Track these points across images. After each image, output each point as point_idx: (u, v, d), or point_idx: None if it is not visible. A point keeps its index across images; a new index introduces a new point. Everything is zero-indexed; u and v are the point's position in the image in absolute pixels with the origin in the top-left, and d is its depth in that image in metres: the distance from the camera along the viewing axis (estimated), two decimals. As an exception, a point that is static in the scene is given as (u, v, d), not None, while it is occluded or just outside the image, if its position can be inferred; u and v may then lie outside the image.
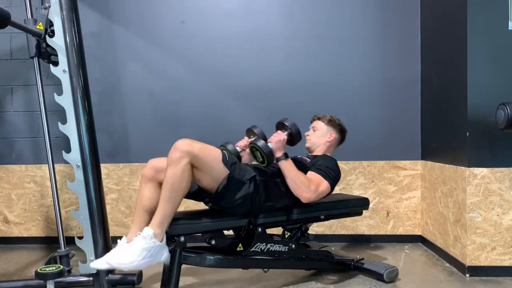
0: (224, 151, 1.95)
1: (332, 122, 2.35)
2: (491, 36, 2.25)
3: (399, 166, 3.03)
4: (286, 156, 2.01)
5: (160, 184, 1.97)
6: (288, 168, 2.00)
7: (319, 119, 2.38)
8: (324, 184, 2.07)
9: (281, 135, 2.03)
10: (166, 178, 1.75)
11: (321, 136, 2.33)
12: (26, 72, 3.19)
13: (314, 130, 2.37)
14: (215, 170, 1.85)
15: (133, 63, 3.17)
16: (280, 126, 2.13)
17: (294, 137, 2.09)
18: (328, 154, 2.32)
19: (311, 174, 2.09)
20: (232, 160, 1.93)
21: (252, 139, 2.10)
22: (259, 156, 1.99)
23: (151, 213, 1.82)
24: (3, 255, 2.95)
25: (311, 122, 2.42)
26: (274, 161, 2.00)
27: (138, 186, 3.10)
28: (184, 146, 1.76)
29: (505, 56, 2.25)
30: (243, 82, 3.11)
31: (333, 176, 2.13)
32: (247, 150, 2.20)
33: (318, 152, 2.33)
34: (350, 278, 2.30)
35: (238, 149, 2.22)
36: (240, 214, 1.99)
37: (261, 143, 1.95)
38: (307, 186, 2.00)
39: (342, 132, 2.38)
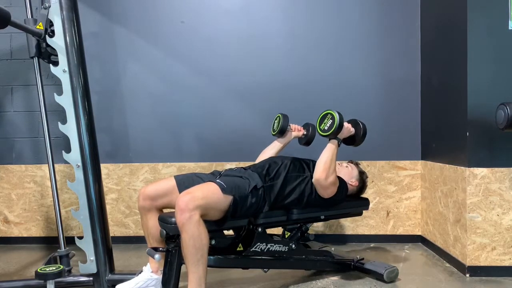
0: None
1: (362, 175, 2.43)
2: (491, 36, 2.25)
3: (399, 166, 3.03)
4: (339, 142, 2.16)
5: (160, 209, 2.03)
6: (333, 151, 2.12)
7: (357, 164, 2.47)
8: (335, 187, 2.15)
9: (351, 128, 2.21)
10: (185, 243, 1.71)
11: (347, 174, 2.35)
12: (26, 72, 3.19)
13: (347, 165, 2.42)
14: (220, 204, 1.85)
15: (133, 63, 3.17)
16: (352, 122, 2.25)
17: (355, 139, 2.23)
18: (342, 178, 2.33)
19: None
20: (231, 184, 1.92)
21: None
22: (328, 125, 2.09)
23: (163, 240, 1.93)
24: (3, 255, 2.95)
25: (350, 161, 2.48)
26: (331, 137, 2.13)
27: (138, 188, 3.13)
28: (189, 204, 1.71)
29: (505, 56, 2.25)
30: (243, 81, 3.11)
31: (341, 193, 2.20)
32: (293, 133, 2.46)
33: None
34: (350, 278, 2.30)
35: (289, 127, 2.44)
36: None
37: (341, 115, 2.08)
38: (326, 178, 2.07)
39: (361, 188, 2.44)
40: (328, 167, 2.07)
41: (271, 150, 2.45)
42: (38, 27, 2.11)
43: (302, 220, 2.20)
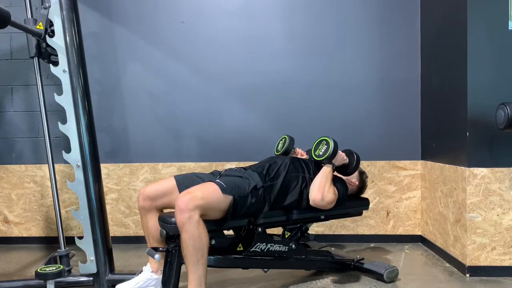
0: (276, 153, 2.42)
1: (362, 175, 2.44)
2: (491, 36, 2.25)
3: (399, 166, 3.03)
4: (334, 168, 2.16)
5: (160, 210, 2.03)
6: (327, 173, 2.11)
7: None
8: (333, 204, 2.14)
9: (345, 157, 2.24)
10: (185, 243, 1.71)
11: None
12: (26, 72, 3.19)
13: None
14: (220, 204, 1.85)
15: (133, 63, 3.17)
16: (347, 152, 2.28)
17: (349, 167, 2.26)
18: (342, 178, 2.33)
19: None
20: (231, 184, 1.92)
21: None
22: (322, 150, 2.14)
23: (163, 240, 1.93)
24: (3, 255, 2.95)
25: None
26: (325, 162, 2.14)
27: (138, 189, 3.13)
28: (189, 204, 1.71)
29: (505, 56, 2.25)
30: (243, 81, 3.11)
31: (340, 200, 2.19)
32: (298, 155, 2.44)
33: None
34: (350, 278, 2.30)
35: (293, 150, 2.45)
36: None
37: (335, 142, 2.13)
38: (322, 198, 2.06)
39: (361, 188, 2.45)
40: (323, 187, 2.06)
41: None
42: (38, 27, 2.10)
43: (302, 220, 2.20)
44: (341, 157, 2.20)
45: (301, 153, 2.48)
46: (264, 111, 3.10)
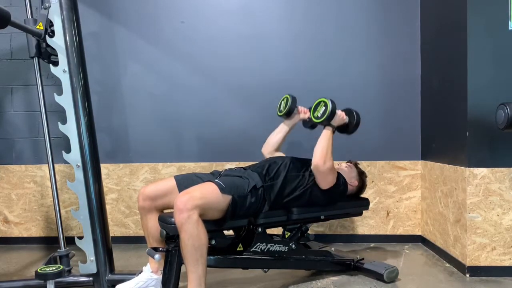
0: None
1: (362, 175, 2.44)
2: (491, 36, 2.25)
3: (399, 166, 3.03)
4: (334, 129, 2.18)
5: (160, 210, 2.03)
6: (328, 137, 2.14)
7: (356, 164, 2.47)
8: (334, 176, 2.15)
9: (345, 116, 2.23)
10: (184, 243, 1.71)
11: (348, 173, 2.36)
12: (26, 72, 3.19)
13: (346, 165, 2.42)
14: (219, 204, 1.86)
15: (133, 63, 3.17)
16: (347, 111, 2.27)
17: (350, 127, 2.26)
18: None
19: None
20: (230, 183, 1.92)
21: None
22: (321, 112, 2.14)
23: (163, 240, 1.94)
24: (3, 255, 2.95)
25: (349, 161, 2.49)
26: (325, 123, 2.14)
27: (138, 188, 3.13)
28: (187, 204, 1.72)
29: (505, 56, 2.25)
30: (243, 82, 3.11)
31: (339, 184, 2.21)
32: (300, 116, 2.42)
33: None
34: (350, 278, 2.30)
35: (296, 109, 2.41)
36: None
37: (334, 103, 2.11)
38: (324, 163, 2.08)
39: (361, 188, 2.45)
40: (325, 153, 2.09)
41: (278, 134, 2.46)
42: (38, 27, 2.11)
43: (302, 220, 2.20)
44: (340, 117, 2.20)
45: (304, 111, 2.45)
46: (264, 110, 3.09)
